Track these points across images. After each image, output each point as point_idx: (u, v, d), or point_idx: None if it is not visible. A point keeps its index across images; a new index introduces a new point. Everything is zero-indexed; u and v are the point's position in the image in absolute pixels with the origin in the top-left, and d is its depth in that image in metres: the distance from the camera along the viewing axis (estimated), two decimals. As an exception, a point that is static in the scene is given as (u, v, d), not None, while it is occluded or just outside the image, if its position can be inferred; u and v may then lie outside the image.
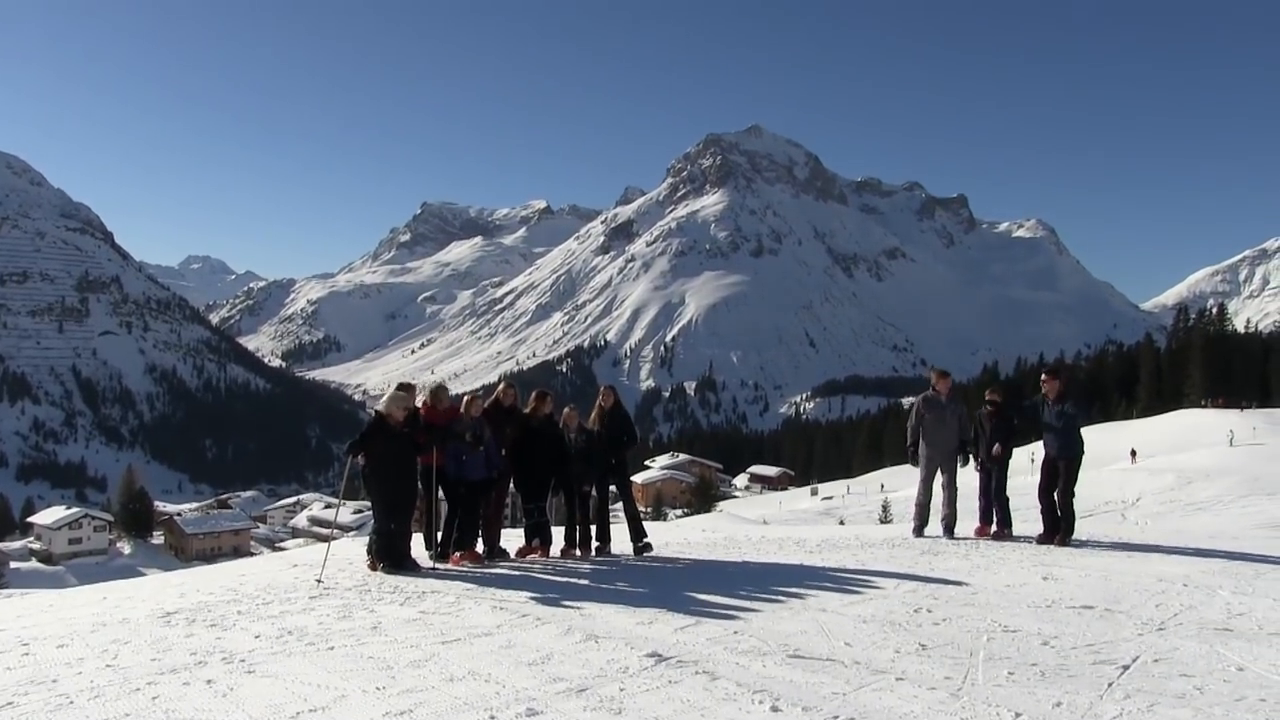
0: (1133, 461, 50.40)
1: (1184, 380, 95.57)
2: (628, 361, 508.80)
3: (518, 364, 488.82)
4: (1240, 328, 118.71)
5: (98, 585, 13.06)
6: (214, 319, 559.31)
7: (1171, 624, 6.60)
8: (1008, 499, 12.57)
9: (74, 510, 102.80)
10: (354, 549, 12.50)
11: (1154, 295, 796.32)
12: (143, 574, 27.97)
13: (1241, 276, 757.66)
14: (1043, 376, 12.29)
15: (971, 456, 12.63)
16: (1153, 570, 9.03)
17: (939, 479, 12.70)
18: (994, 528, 12.55)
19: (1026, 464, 17.77)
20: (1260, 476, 39.03)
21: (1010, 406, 12.93)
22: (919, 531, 12.93)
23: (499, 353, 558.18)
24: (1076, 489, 11.77)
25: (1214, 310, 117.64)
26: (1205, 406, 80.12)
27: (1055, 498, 11.65)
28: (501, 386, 11.82)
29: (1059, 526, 11.56)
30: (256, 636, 6.81)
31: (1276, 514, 30.84)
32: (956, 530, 12.68)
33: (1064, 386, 11.85)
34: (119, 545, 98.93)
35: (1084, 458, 11.83)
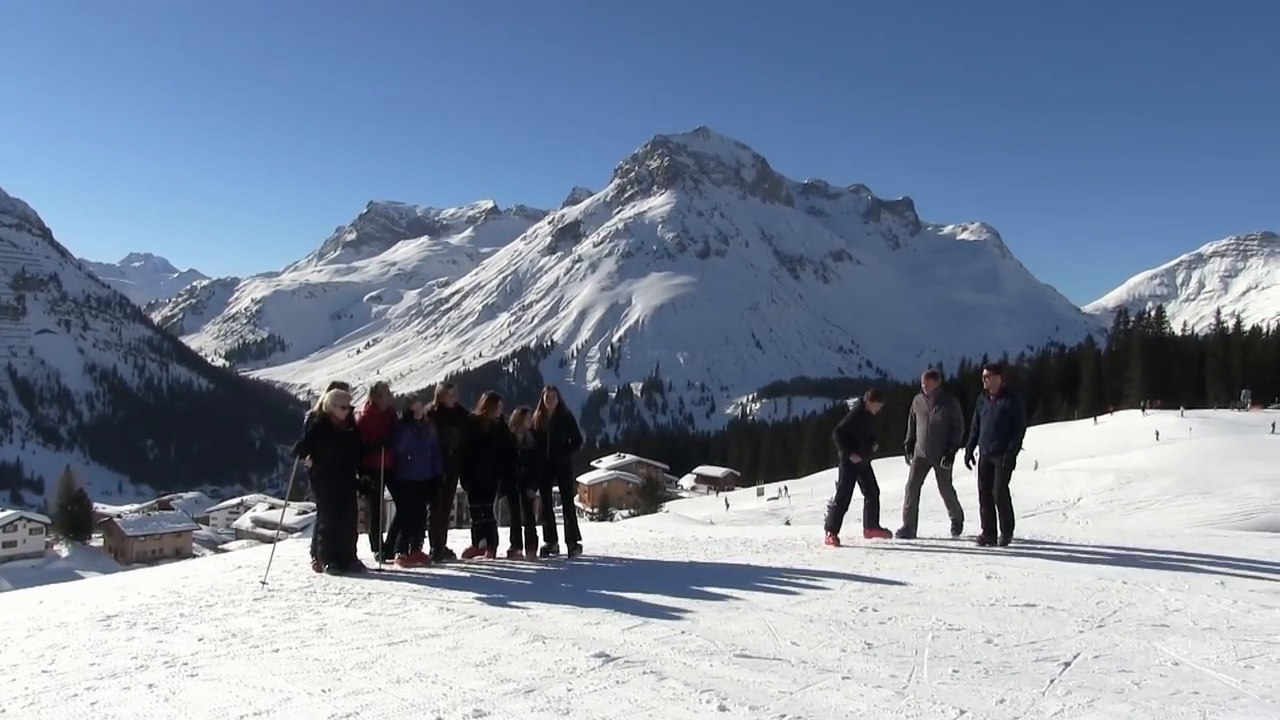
0: None
1: (1124, 382, 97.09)
2: (574, 362, 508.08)
3: (464, 364, 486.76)
4: (1178, 330, 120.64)
5: (34, 589, 12.80)
6: (156, 318, 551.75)
7: (1111, 621, 6.72)
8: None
9: (9, 512, 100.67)
10: (299, 550, 12.33)
11: (1095, 298, 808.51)
12: (81, 577, 27.49)
13: (1179, 280, 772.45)
14: (984, 372, 11.98)
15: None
16: (1093, 569, 9.17)
17: (929, 482, 12.30)
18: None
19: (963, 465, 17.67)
20: (1195, 476, 39.77)
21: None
22: (904, 534, 12.34)
23: (445, 353, 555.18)
24: (1016, 489, 11.75)
25: (1152, 313, 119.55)
26: (1144, 409, 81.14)
27: (993, 497, 11.50)
28: (440, 388, 11.77)
29: (998, 527, 11.50)
30: (200, 639, 6.72)
31: (1211, 512, 31.63)
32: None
33: (1005, 383, 11.67)
34: (56, 548, 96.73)
35: (1020, 455, 11.55)
